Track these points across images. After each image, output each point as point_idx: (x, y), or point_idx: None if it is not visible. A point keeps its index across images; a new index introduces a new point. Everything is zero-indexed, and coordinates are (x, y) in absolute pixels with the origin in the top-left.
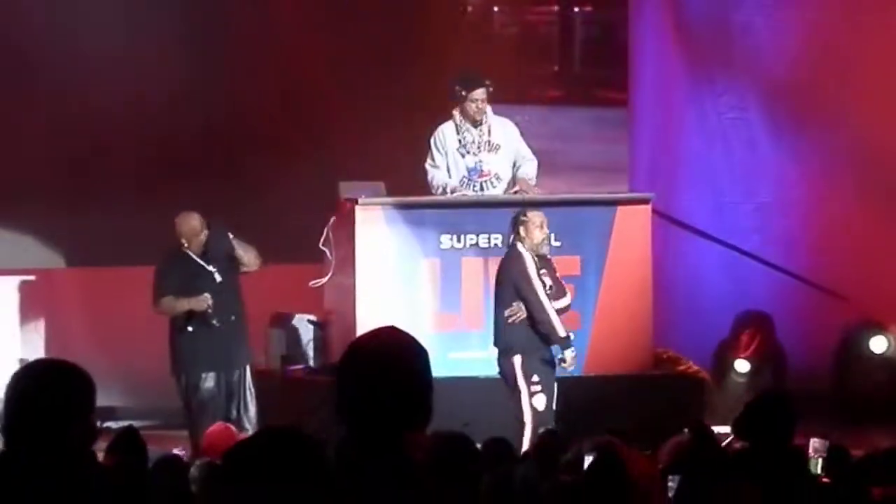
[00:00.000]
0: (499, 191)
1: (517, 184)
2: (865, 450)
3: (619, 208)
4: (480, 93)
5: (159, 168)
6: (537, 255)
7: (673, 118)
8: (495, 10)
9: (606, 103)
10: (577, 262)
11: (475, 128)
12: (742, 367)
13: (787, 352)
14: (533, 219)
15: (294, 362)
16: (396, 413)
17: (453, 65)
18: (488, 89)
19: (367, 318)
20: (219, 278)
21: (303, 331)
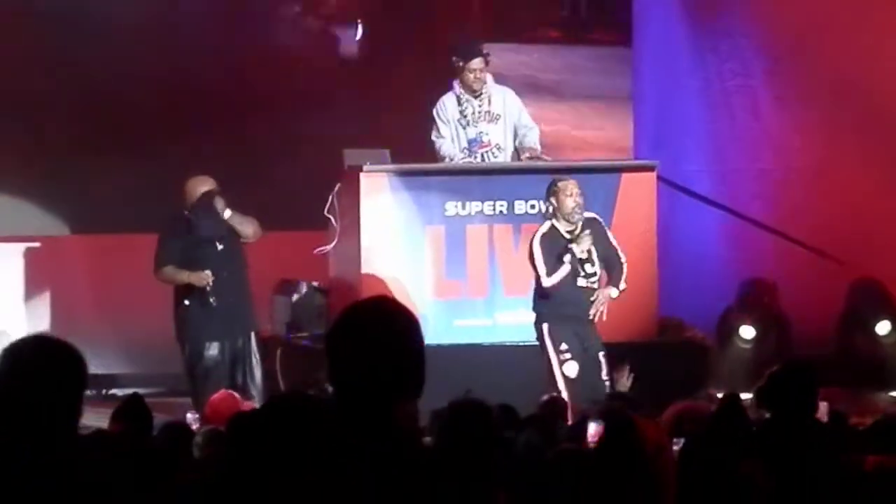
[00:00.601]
0: (500, 161)
1: (526, 152)
2: (869, 416)
3: (624, 175)
4: (478, 62)
5: (163, 135)
6: (571, 223)
7: (677, 86)
8: None
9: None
10: None
11: (475, 98)
12: (747, 333)
13: (791, 318)
14: (563, 188)
15: (299, 329)
16: (385, 382)
17: (469, 18)
18: (486, 59)
19: (371, 285)
20: (220, 246)
21: (308, 297)
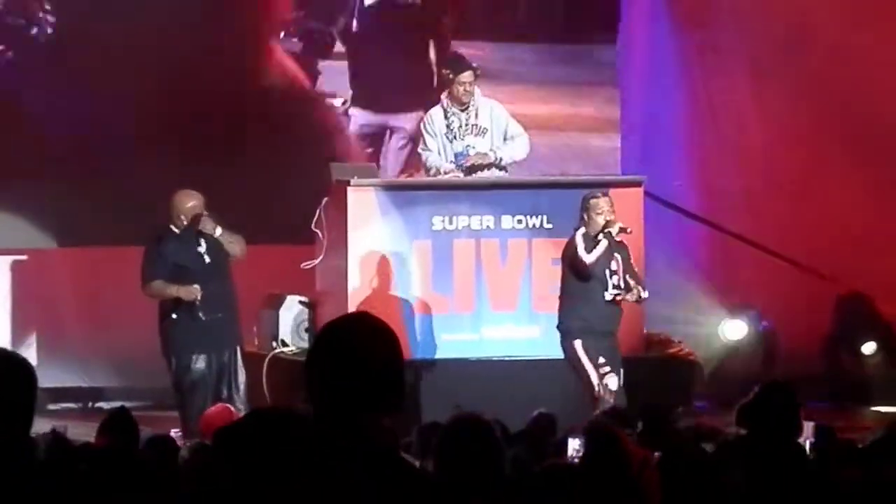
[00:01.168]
0: (487, 175)
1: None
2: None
3: (611, 191)
4: (468, 75)
5: (152, 149)
6: (606, 240)
7: (664, 101)
8: None
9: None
10: None
11: (462, 111)
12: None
13: (778, 333)
14: (594, 206)
15: (285, 343)
16: (360, 395)
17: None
18: (475, 73)
19: (358, 300)
20: (208, 259)
21: (295, 312)
